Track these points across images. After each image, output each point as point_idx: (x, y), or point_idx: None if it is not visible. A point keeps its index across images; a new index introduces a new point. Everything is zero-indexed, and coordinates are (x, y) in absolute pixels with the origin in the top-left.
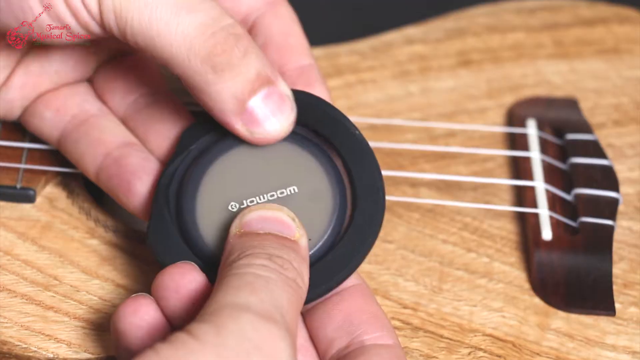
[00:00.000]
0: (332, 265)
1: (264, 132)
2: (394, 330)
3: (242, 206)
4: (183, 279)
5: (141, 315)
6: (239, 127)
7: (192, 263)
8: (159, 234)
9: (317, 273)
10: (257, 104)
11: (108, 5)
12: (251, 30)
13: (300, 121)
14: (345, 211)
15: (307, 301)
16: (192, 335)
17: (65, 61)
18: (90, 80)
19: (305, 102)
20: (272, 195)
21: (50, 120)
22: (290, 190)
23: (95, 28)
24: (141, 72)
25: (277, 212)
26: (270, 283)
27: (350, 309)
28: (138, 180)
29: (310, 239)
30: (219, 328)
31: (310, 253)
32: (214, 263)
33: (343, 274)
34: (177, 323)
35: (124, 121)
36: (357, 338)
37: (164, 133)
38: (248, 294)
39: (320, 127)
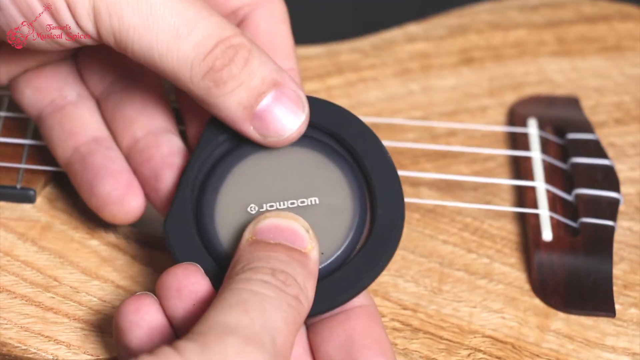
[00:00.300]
0: (340, 283)
1: (276, 134)
2: (395, 355)
3: (261, 209)
4: (186, 280)
5: (142, 315)
6: (252, 132)
7: (197, 265)
8: (177, 227)
9: (323, 289)
10: (265, 108)
11: (106, 28)
12: (239, 25)
13: (330, 133)
14: (362, 231)
15: (309, 315)
16: (178, 351)
17: None
18: (76, 56)
19: (339, 116)
20: (293, 203)
21: (30, 99)
22: (311, 201)
23: (94, 43)
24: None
25: (291, 221)
26: (265, 302)
27: (354, 330)
28: (99, 182)
29: (322, 253)
30: (203, 349)
31: (320, 267)
32: (226, 264)
33: (348, 294)
34: (178, 324)
35: (99, 103)
36: None
37: (130, 120)
38: (239, 314)
39: (351, 142)
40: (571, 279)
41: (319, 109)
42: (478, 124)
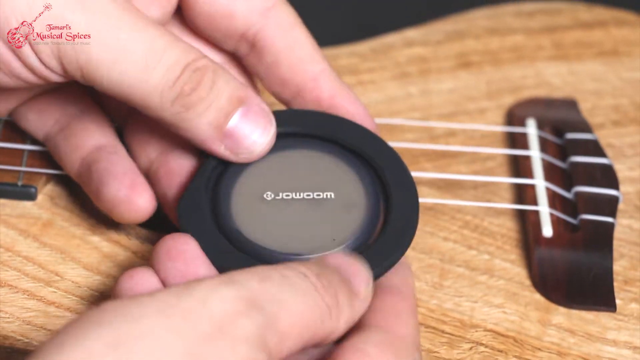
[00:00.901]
0: None
1: (247, 150)
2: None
3: (277, 197)
4: (174, 242)
5: (136, 280)
6: (223, 151)
7: (187, 235)
8: (191, 209)
9: None
10: (234, 126)
11: (73, 66)
12: (255, 48)
13: (346, 145)
14: (376, 226)
15: None
16: (152, 295)
17: None
18: None
19: (355, 132)
20: (309, 195)
21: (35, 122)
22: (327, 195)
23: (59, 79)
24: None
25: (360, 265)
26: (290, 285)
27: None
28: (104, 186)
29: (334, 239)
30: (180, 292)
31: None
32: (238, 246)
33: None
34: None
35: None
36: None
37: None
38: (250, 277)
39: (369, 153)
40: (572, 274)
41: (336, 124)
42: (477, 124)
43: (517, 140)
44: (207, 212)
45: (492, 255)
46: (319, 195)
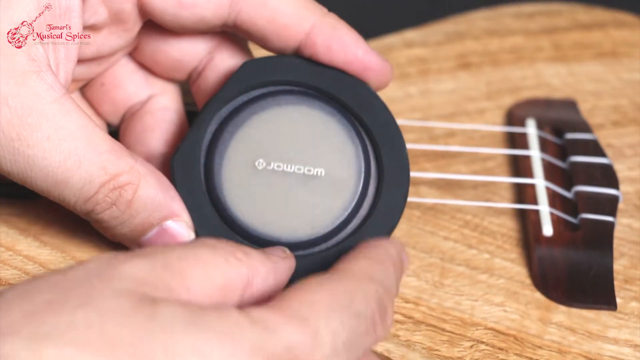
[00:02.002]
0: (327, 261)
1: None
2: None
3: (268, 166)
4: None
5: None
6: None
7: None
8: (184, 165)
9: (309, 263)
10: (149, 240)
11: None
12: (241, 30)
13: (345, 105)
14: (359, 211)
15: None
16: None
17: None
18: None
19: (354, 90)
20: (299, 169)
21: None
22: (317, 171)
23: None
24: None
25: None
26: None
27: None
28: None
29: (313, 227)
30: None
31: (310, 239)
32: (223, 213)
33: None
34: None
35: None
36: None
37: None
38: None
39: (371, 126)
40: (572, 273)
41: (342, 82)
42: (477, 124)
43: (517, 141)
44: (199, 173)
45: (492, 255)
46: (309, 170)
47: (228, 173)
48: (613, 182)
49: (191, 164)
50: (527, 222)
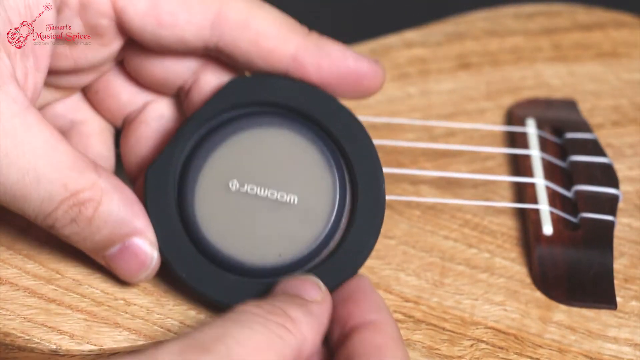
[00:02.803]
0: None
1: (122, 277)
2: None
3: (242, 188)
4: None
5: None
6: (103, 262)
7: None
8: (158, 178)
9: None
10: (111, 257)
11: None
12: (224, 55)
13: (324, 126)
14: (329, 243)
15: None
16: None
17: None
18: None
19: (335, 113)
20: (272, 194)
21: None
22: (290, 198)
23: None
24: None
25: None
26: (234, 322)
27: None
28: None
29: (280, 255)
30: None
31: (276, 267)
32: (192, 230)
33: None
34: None
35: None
36: None
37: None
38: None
39: (344, 143)
40: (572, 272)
41: (315, 99)
42: (477, 124)
43: (517, 140)
44: (172, 189)
45: (493, 254)
46: (282, 196)
47: (201, 191)
48: (613, 181)
49: (165, 178)
50: (527, 221)
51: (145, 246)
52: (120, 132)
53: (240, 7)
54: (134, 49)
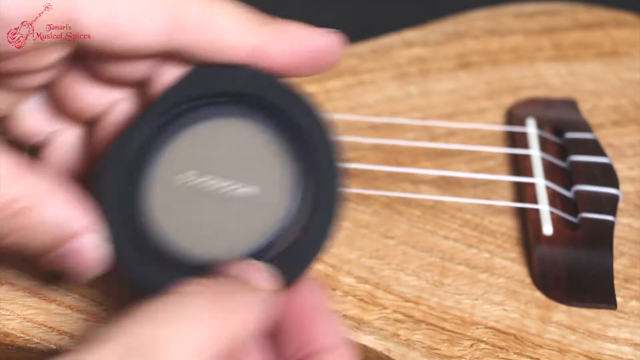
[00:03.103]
0: None
1: (68, 276)
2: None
3: (199, 178)
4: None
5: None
6: (49, 266)
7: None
8: (111, 169)
9: None
10: (55, 260)
11: None
12: (186, 58)
13: (286, 121)
14: (286, 236)
15: None
16: None
17: None
18: None
19: (299, 107)
20: (229, 186)
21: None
22: (247, 191)
23: None
24: None
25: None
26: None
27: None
28: None
29: (234, 248)
30: None
31: (229, 260)
32: (143, 228)
33: None
34: None
35: None
36: None
37: None
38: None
39: (308, 136)
40: (572, 272)
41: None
42: (477, 123)
43: (517, 140)
44: (124, 182)
45: (492, 254)
46: (239, 188)
47: (154, 184)
48: (613, 181)
49: (117, 171)
50: (527, 221)
51: (93, 245)
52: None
53: (198, 8)
54: (86, 50)
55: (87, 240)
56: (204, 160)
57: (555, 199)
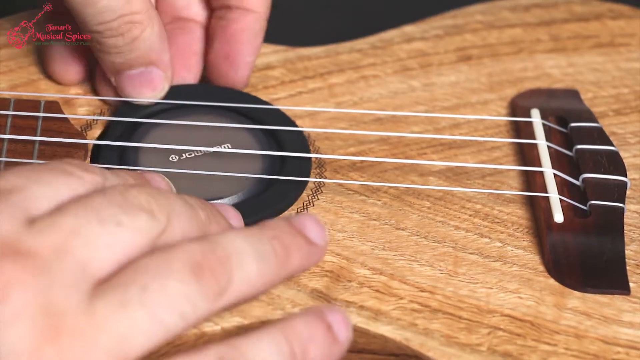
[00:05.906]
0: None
1: (129, 97)
2: None
3: (181, 157)
4: None
5: None
6: (113, 81)
7: None
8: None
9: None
10: (130, 77)
11: None
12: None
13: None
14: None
15: None
16: None
17: None
18: None
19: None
20: (208, 151)
21: None
22: (224, 147)
23: None
24: None
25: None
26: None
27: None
28: None
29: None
30: None
31: (227, 201)
32: None
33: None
34: None
35: None
36: None
37: None
38: None
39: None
40: (585, 258)
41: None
42: (481, 115)
43: (522, 130)
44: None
45: (504, 243)
46: (218, 148)
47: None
48: (620, 169)
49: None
50: (537, 209)
51: (161, 78)
52: None
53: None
54: None
55: (160, 73)
56: (182, 144)
57: (563, 187)
